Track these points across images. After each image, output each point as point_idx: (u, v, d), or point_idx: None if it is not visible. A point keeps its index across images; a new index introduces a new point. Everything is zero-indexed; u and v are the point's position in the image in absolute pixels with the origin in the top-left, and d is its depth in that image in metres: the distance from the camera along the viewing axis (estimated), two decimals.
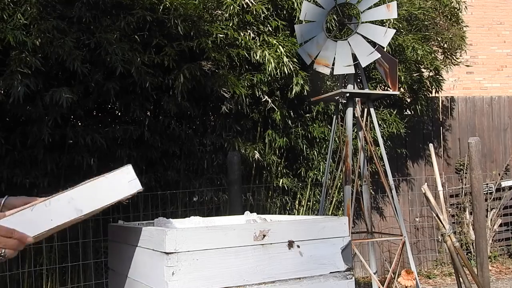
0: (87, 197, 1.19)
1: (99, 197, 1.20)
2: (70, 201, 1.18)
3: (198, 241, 1.16)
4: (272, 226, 1.25)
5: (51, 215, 1.15)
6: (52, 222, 1.14)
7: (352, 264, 1.35)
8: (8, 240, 1.10)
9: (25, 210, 1.13)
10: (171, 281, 1.13)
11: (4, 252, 1.10)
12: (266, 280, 1.22)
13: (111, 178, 1.23)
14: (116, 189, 1.22)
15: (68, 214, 1.16)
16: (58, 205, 1.16)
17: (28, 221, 1.13)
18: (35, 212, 1.14)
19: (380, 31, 3.56)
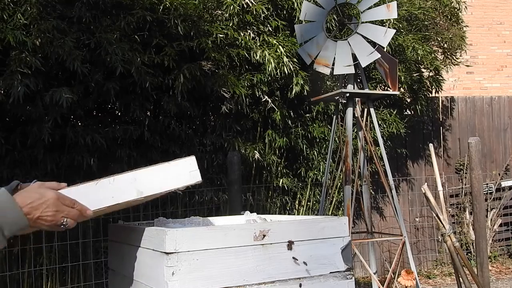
0: (149, 180, 1.20)
1: (160, 182, 1.21)
2: (133, 181, 1.19)
3: (198, 241, 1.16)
4: (272, 226, 1.25)
5: (113, 193, 1.17)
6: (113, 199, 1.16)
7: (352, 264, 1.35)
8: (70, 209, 1.12)
9: (90, 183, 1.16)
10: (171, 281, 1.13)
11: (66, 221, 1.12)
12: (266, 280, 1.22)
13: (174, 165, 1.23)
14: (177, 177, 1.23)
15: (129, 194, 1.18)
16: (121, 184, 1.18)
17: (90, 195, 1.15)
18: (99, 187, 1.16)
19: (380, 31, 3.56)
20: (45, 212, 1.09)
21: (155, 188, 1.20)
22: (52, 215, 1.10)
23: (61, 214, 1.11)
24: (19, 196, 1.09)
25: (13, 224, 1.06)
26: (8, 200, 1.07)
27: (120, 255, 1.47)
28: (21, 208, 1.07)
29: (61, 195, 1.12)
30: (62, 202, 1.11)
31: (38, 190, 1.12)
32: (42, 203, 1.09)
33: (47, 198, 1.10)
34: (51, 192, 1.12)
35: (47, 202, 1.09)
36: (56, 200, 1.11)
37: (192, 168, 1.24)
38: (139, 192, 1.19)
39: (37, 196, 1.10)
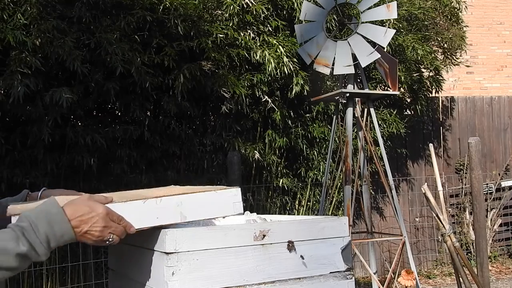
0: (194, 206, 1.21)
1: (204, 209, 1.23)
2: (179, 205, 1.20)
3: (198, 241, 1.16)
4: (272, 226, 1.25)
5: (159, 214, 1.17)
6: (158, 220, 1.16)
7: (352, 264, 1.35)
8: (117, 226, 1.11)
9: (138, 201, 1.14)
10: (171, 281, 1.12)
11: (112, 238, 1.11)
12: (266, 280, 1.22)
13: (220, 194, 1.25)
14: (221, 206, 1.25)
15: (173, 217, 1.19)
16: (167, 205, 1.18)
17: (136, 212, 1.14)
18: (146, 206, 1.15)
19: (380, 31, 3.56)
20: (94, 227, 1.08)
21: (198, 215, 1.22)
22: (100, 231, 1.08)
23: (109, 230, 1.09)
24: (69, 208, 1.06)
25: (60, 236, 1.04)
26: (58, 212, 1.05)
27: (120, 255, 1.47)
28: (69, 221, 1.05)
29: (110, 211, 1.10)
30: (111, 218, 1.09)
31: (88, 203, 1.09)
32: (91, 217, 1.07)
33: (97, 212, 1.08)
34: (101, 207, 1.09)
35: (97, 216, 1.08)
36: (105, 215, 1.09)
37: (236, 199, 1.27)
38: (183, 216, 1.20)
39: (87, 210, 1.07)
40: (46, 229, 1.03)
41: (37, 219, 1.03)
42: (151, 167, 4.14)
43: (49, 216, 1.04)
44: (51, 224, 1.03)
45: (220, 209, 1.25)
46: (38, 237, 1.01)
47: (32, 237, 1.01)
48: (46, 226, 1.03)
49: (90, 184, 3.85)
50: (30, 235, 1.01)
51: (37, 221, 1.03)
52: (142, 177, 3.99)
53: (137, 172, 4.04)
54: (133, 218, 1.14)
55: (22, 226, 1.01)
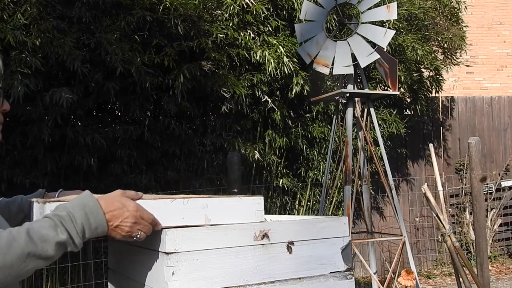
0: (218, 210, 1.24)
1: (227, 214, 1.26)
2: (204, 207, 1.23)
3: (198, 241, 1.16)
4: (272, 226, 1.25)
5: (185, 214, 1.20)
6: (183, 220, 1.19)
7: (352, 264, 1.35)
8: (146, 224, 1.13)
9: (166, 200, 1.18)
10: (171, 281, 1.12)
11: (140, 234, 1.12)
12: (266, 280, 1.22)
13: (243, 201, 1.28)
14: (244, 213, 1.28)
15: (198, 219, 1.22)
16: (193, 207, 1.21)
17: (163, 211, 1.17)
18: (173, 206, 1.18)
19: (380, 31, 3.56)
20: (125, 222, 1.09)
21: (222, 219, 1.25)
22: (130, 226, 1.10)
23: (138, 227, 1.11)
24: (103, 201, 1.08)
25: (94, 228, 1.06)
26: (94, 204, 1.07)
27: (120, 255, 1.47)
28: (104, 214, 1.07)
29: (141, 208, 1.12)
30: (141, 215, 1.11)
31: (121, 199, 1.11)
32: (123, 212, 1.09)
33: (128, 209, 1.10)
34: (132, 203, 1.11)
35: (128, 213, 1.09)
36: (136, 212, 1.10)
37: (259, 208, 1.30)
38: (207, 219, 1.23)
39: (119, 205, 1.09)
40: (83, 219, 1.04)
41: (74, 210, 1.05)
42: (151, 167, 4.14)
43: (86, 208, 1.06)
44: (88, 215, 1.05)
45: (243, 216, 1.28)
46: (75, 226, 1.03)
47: (70, 226, 1.02)
48: (83, 217, 1.05)
49: (90, 184, 3.85)
50: (68, 224, 1.02)
51: (74, 211, 1.04)
52: (142, 177, 3.99)
53: (137, 172, 4.05)
54: (160, 216, 1.17)
55: (60, 215, 1.03)
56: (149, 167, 4.13)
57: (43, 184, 3.63)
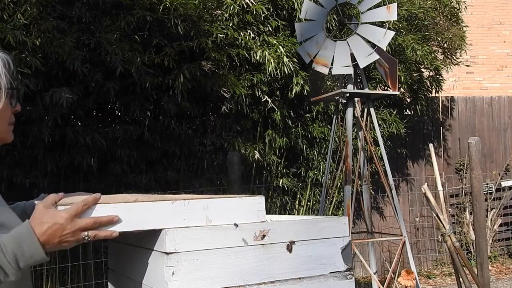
0: (219, 210, 1.24)
1: (229, 214, 1.26)
2: (205, 208, 1.22)
3: (198, 241, 1.16)
4: (272, 226, 1.25)
5: (186, 216, 1.20)
6: (184, 222, 1.19)
7: (352, 264, 1.35)
8: (87, 222, 1.10)
9: (166, 202, 1.18)
10: (171, 281, 1.12)
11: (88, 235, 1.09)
12: (266, 280, 1.22)
13: (245, 201, 1.28)
14: (245, 212, 1.28)
15: (199, 220, 1.21)
16: (194, 208, 1.21)
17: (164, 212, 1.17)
18: (174, 207, 1.18)
19: (380, 32, 3.56)
20: (64, 236, 1.07)
21: (223, 219, 1.24)
22: (71, 235, 1.07)
23: (79, 231, 1.08)
24: (36, 227, 1.05)
25: (29, 256, 1.04)
26: (28, 232, 1.05)
27: (120, 255, 1.47)
28: (38, 240, 1.05)
29: (72, 211, 1.08)
30: (75, 218, 1.08)
31: (48, 214, 1.07)
32: (56, 229, 1.06)
33: (59, 221, 1.06)
34: (60, 214, 1.07)
35: (60, 225, 1.06)
36: (67, 219, 1.07)
37: (260, 207, 1.30)
38: (208, 220, 1.23)
39: (50, 223, 1.06)
40: (15, 248, 1.02)
41: (7, 240, 1.03)
42: (151, 167, 4.14)
43: (19, 236, 1.04)
44: (21, 243, 1.03)
45: (244, 216, 1.27)
46: (6, 257, 1.01)
47: (0, 256, 1.01)
48: (15, 246, 1.03)
49: (90, 184, 3.85)
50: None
51: (7, 242, 1.03)
52: (142, 177, 3.98)
53: (137, 172, 4.04)
54: (161, 218, 1.16)
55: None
56: (149, 167, 4.13)
57: (43, 184, 3.63)
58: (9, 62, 1.17)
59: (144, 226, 1.15)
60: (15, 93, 1.21)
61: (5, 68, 1.16)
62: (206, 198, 1.25)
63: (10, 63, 1.17)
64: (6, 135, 1.21)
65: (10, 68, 1.18)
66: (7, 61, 1.16)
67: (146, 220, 1.15)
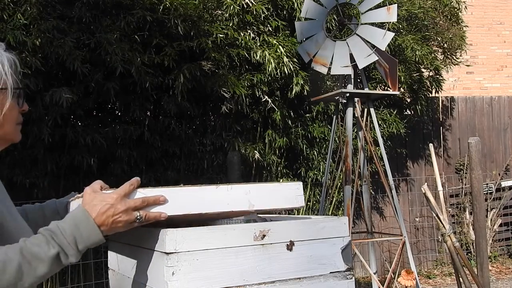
0: (260, 196, 1.26)
1: (270, 199, 1.27)
2: (247, 193, 1.24)
3: (198, 241, 1.16)
4: (272, 226, 1.25)
5: (230, 200, 1.21)
6: (228, 206, 1.21)
7: (352, 264, 1.35)
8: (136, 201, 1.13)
9: (211, 186, 1.20)
10: (171, 281, 1.12)
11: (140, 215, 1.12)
12: (266, 280, 1.22)
13: (284, 186, 1.30)
14: (285, 198, 1.30)
15: (242, 204, 1.23)
16: (236, 193, 1.23)
17: (209, 197, 1.19)
18: (218, 192, 1.20)
19: (379, 33, 3.56)
20: (117, 216, 1.09)
21: (264, 204, 1.26)
22: (123, 215, 1.10)
23: (131, 211, 1.10)
24: (90, 209, 1.09)
25: (86, 237, 1.07)
26: (83, 214, 1.08)
27: (120, 255, 1.47)
28: (94, 221, 1.08)
29: (122, 192, 1.11)
30: (125, 197, 1.11)
31: (96, 197, 1.11)
32: (108, 209, 1.09)
33: (110, 201, 1.09)
34: (108, 195, 1.11)
35: (111, 205, 1.09)
36: (117, 199, 1.10)
37: (298, 193, 1.32)
38: (251, 205, 1.24)
39: (101, 205, 1.09)
40: (73, 230, 1.06)
41: (64, 223, 1.07)
42: (151, 167, 4.14)
43: (76, 219, 1.08)
44: (78, 226, 1.07)
45: (285, 201, 1.30)
46: (66, 238, 1.05)
47: (60, 238, 1.04)
48: (73, 228, 1.06)
49: (90, 184, 3.84)
50: (58, 237, 1.04)
51: (64, 224, 1.06)
52: (142, 177, 3.98)
53: (137, 172, 4.04)
54: (206, 202, 1.19)
55: (51, 229, 1.05)
56: (149, 167, 4.13)
57: (43, 184, 3.63)
58: (16, 62, 1.18)
59: (189, 210, 1.17)
60: (21, 92, 1.22)
61: (11, 68, 1.17)
62: (248, 184, 1.27)
63: (17, 63, 1.19)
64: (14, 135, 1.23)
65: (17, 68, 1.19)
66: (13, 61, 1.18)
67: (191, 205, 1.18)
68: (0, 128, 1.17)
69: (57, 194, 3.79)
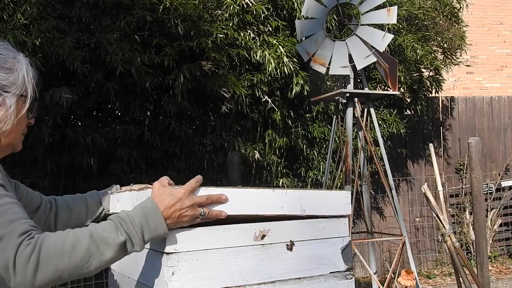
0: (312, 201, 1.30)
1: (320, 205, 1.31)
2: (300, 198, 1.28)
3: (198, 241, 1.16)
4: (272, 226, 1.25)
5: (283, 203, 1.25)
6: (282, 209, 1.25)
7: (352, 264, 1.35)
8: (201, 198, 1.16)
9: (267, 190, 1.24)
10: (171, 281, 1.13)
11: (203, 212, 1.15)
12: (266, 280, 1.22)
13: (334, 194, 1.34)
14: (333, 205, 1.33)
15: (295, 209, 1.27)
16: (291, 197, 1.27)
17: (265, 200, 1.23)
18: (274, 195, 1.24)
19: (379, 34, 3.55)
20: (183, 210, 1.12)
21: (315, 210, 1.30)
22: (189, 210, 1.12)
23: (196, 206, 1.13)
24: (159, 202, 1.12)
25: (153, 229, 1.09)
26: (152, 206, 1.11)
27: None
28: (162, 214, 1.10)
29: (189, 188, 1.15)
30: (191, 194, 1.14)
31: (165, 191, 1.14)
32: (175, 203, 1.11)
33: (178, 196, 1.12)
34: (177, 190, 1.14)
35: (178, 199, 1.12)
36: (185, 194, 1.13)
37: (347, 201, 1.35)
38: (302, 209, 1.28)
39: (170, 198, 1.12)
40: (142, 220, 1.09)
41: (133, 212, 1.10)
42: (151, 167, 4.14)
43: (145, 210, 1.10)
44: (146, 216, 1.09)
45: (333, 208, 1.33)
46: (134, 227, 1.07)
47: (129, 227, 1.07)
48: (142, 218, 1.09)
49: (90, 184, 3.85)
50: (127, 226, 1.07)
51: (134, 214, 1.09)
52: (142, 177, 3.98)
53: (137, 172, 4.04)
54: (263, 205, 1.22)
55: (121, 217, 1.08)
56: (149, 167, 4.13)
57: (43, 184, 3.63)
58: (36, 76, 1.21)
59: (247, 211, 1.20)
60: (35, 105, 1.25)
61: (34, 80, 1.20)
62: (300, 189, 1.32)
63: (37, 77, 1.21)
64: (18, 144, 1.26)
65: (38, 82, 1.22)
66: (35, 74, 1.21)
67: (249, 205, 1.21)
68: (9, 134, 1.20)
69: (57, 194, 3.78)
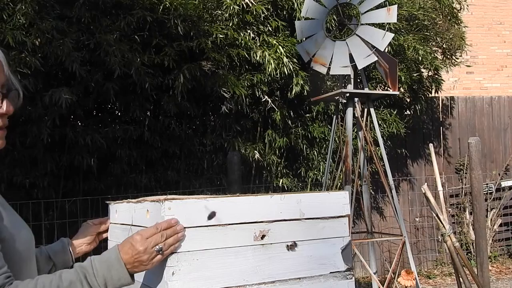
0: (310, 204, 1.31)
1: (318, 208, 1.32)
2: (298, 202, 1.29)
3: (198, 241, 1.16)
4: (272, 226, 1.25)
5: (282, 208, 1.27)
6: (281, 214, 1.27)
7: (352, 264, 1.35)
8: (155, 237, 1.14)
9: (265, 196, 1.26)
10: (171, 281, 1.12)
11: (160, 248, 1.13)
12: (266, 280, 1.22)
13: (332, 195, 1.36)
14: (332, 206, 1.34)
15: (293, 213, 1.28)
16: (289, 202, 1.28)
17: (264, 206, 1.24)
18: (272, 201, 1.26)
19: (379, 34, 3.55)
20: (137, 257, 1.12)
21: (314, 213, 1.31)
22: (142, 254, 1.12)
23: (150, 248, 1.12)
24: (122, 252, 1.13)
25: (117, 279, 1.11)
26: (115, 257, 1.12)
27: None
28: (125, 265, 1.12)
29: (143, 233, 1.13)
30: (146, 237, 1.13)
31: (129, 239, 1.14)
32: (132, 249, 1.12)
33: (134, 243, 1.12)
34: (134, 236, 1.14)
35: (135, 246, 1.12)
36: (140, 239, 1.12)
37: (345, 201, 1.37)
38: (301, 213, 1.29)
39: (129, 245, 1.13)
40: (105, 272, 1.10)
41: (98, 263, 1.11)
42: (151, 167, 4.14)
43: (108, 261, 1.12)
44: (109, 268, 1.11)
45: (331, 209, 1.34)
46: (97, 279, 1.09)
47: (92, 279, 1.09)
48: (105, 270, 1.10)
49: (90, 184, 3.85)
50: (90, 278, 1.09)
51: (98, 265, 1.11)
52: (142, 177, 3.98)
53: (137, 172, 4.04)
54: (261, 211, 1.23)
55: (85, 267, 1.10)
56: (149, 167, 4.13)
57: (43, 184, 3.63)
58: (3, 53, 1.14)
59: (246, 218, 1.22)
60: (6, 89, 1.14)
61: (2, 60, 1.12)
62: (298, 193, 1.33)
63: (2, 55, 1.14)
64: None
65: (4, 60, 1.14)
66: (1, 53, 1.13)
67: (248, 213, 1.22)
68: None
69: (57, 194, 3.79)
